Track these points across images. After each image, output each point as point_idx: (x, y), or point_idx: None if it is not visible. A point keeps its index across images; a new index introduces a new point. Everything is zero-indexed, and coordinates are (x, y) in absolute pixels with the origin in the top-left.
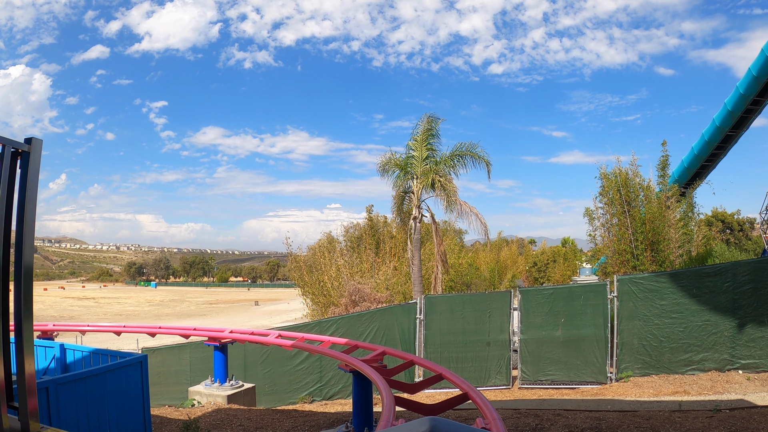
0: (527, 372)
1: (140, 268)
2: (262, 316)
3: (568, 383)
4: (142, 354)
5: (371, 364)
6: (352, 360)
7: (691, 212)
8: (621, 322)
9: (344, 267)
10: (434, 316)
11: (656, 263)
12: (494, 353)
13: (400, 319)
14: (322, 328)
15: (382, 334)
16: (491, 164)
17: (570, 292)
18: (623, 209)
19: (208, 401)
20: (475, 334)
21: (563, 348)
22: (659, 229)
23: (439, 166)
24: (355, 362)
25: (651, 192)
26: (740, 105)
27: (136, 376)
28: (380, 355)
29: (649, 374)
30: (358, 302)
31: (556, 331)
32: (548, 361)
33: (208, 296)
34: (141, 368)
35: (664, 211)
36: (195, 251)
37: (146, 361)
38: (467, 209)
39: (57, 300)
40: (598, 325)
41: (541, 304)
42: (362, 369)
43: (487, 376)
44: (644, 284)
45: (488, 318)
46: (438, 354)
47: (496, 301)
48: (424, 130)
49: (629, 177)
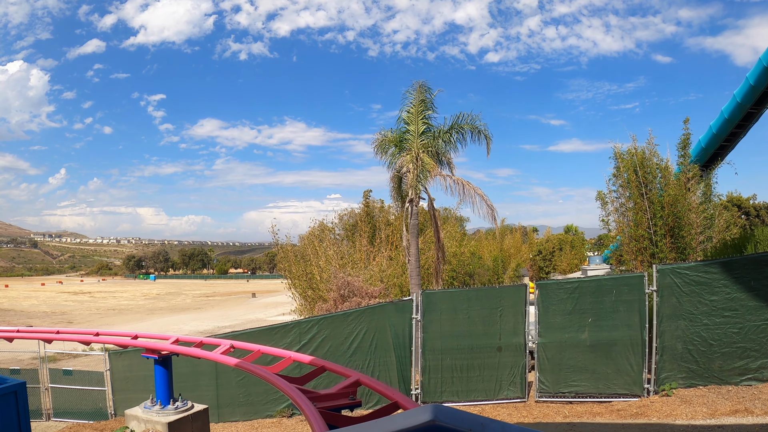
0: (546, 382)
1: (139, 262)
2: (258, 309)
3: (595, 396)
4: (18, 381)
5: (335, 403)
6: (302, 403)
7: (710, 195)
8: (662, 322)
9: (334, 257)
10: (434, 315)
11: (676, 250)
12: (507, 360)
13: (393, 319)
14: (301, 330)
15: (371, 337)
16: (491, 139)
17: (599, 285)
18: (640, 192)
19: (145, 429)
20: (484, 337)
21: (590, 353)
22: (680, 213)
23: (437, 141)
24: (306, 408)
25: (669, 173)
26: (764, 79)
27: (8, 409)
28: (352, 386)
29: (695, 385)
30: (348, 297)
31: (582, 333)
32: (572, 369)
33: (205, 288)
34: (16, 399)
35: (684, 193)
36: (196, 243)
37: (24, 390)
38: (471, 190)
39: (52, 295)
40: (633, 325)
41: (563, 301)
42: (311, 419)
43: (497, 388)
44: (690, 275)
45: (499, 317)
46: (438, 362)
47: (509, 296)
48: (418, 101)
49: (646, 157)
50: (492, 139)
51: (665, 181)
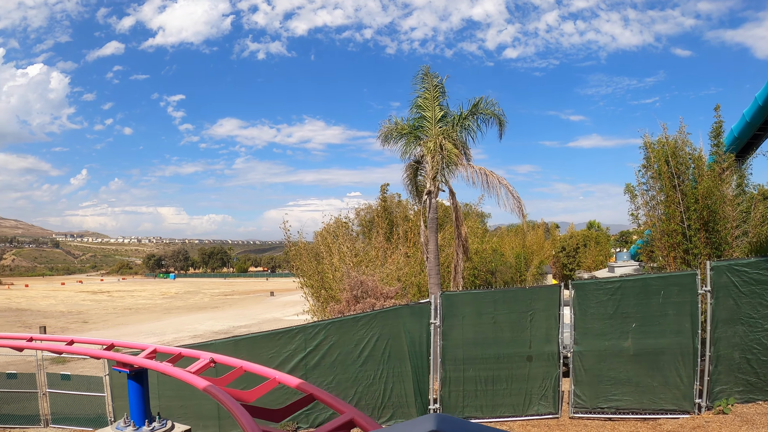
0: (583, 396)
1: (159, 261)
2: (275, 308)
3: (639, 412)
4: None
5: None
6: None
7: (744, 187)
8: (716, 328)
9: (348, 254)
10: (455, 320)
11: (711, 246)
12: (538, 371)
13: (408, 324)
14: (307, 336)
15: (384, 345)
16: (505, 123)
17: (644, 285)
18: (672, 183)
19: None
20: (512, 345)
21: (634, 364)
22: (715, 206)
23: (456, 128)
24: None
25: (703, 163)
26: None
27: None
28: (344, 428)
29: (754, 400)
30: (361, 298)
31: (624, 340)
32: (612, 381)
33: (224, 287)
34: None
35: (719, 184)
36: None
37: None
38: (495, 180)
39: (70, 294)
40: (684, 331)
41: (602, 304)
42: None
43: (527, 402)
44: (750, 273)
45: (529, 323)
46: (460, 373)
47: (541, 298)
48: (432, 85)
49: (678, 146)
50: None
51: (699, 171)
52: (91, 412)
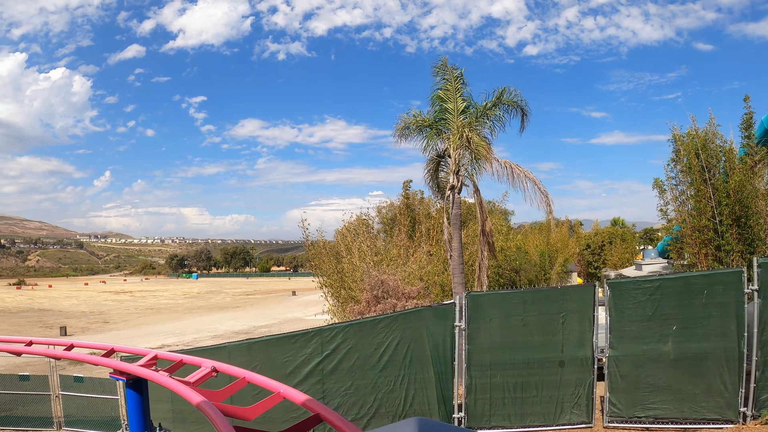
0: (618, 404)
1: (182, 261)
2: (297, 308)
3: (679, 421)
4: None
5: None
6: None
7: None
8: (764, 330)
9: (368, 252)
10: (481, 323)
11: (743, 242)
12: (570, 377)
13: (431, 327)
14: (324, 339)
15: (405, 349)
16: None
17: (686, 284)
18: (703, 177)
19: None
20: (542, 350)
21: (674, 369)
22: (747, 201)
23: (480, 120)
24: None
25: (734, 156)
26: None
27: None
28: None
29: None
30: (382, 298)
31: (664, 344)
32: (651, 388)
33: (246, 287)
34: None
35: (751, 178)
36: (239, 242)
37: None
38: (521, 174)
39: (93, 295)
40: (729, 334)
41: (641, 304)
42: None
43: (558, 411)
44: None
45: (561, 325)
46: (487, 379)
47: (573, 299)
48: (454, 76)
49: (708, 139)
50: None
51: (730, 165)
52: (104, 415)
